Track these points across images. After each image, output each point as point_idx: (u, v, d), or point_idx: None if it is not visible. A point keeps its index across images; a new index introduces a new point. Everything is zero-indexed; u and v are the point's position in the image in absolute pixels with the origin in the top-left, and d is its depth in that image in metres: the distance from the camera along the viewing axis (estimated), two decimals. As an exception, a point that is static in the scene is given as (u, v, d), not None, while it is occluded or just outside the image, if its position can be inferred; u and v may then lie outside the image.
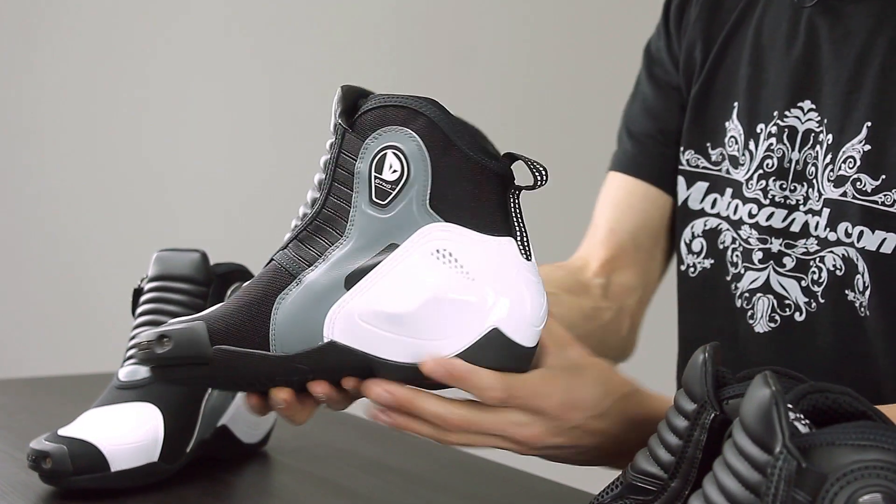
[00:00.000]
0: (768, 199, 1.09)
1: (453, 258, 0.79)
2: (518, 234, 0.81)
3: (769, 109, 1.10)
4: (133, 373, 1.04)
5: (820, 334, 1.05)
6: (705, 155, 1.15)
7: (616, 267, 1.22)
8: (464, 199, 0.80)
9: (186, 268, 1.09)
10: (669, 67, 1.21)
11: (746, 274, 1.10)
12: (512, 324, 0.80)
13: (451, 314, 0.79)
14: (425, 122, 0.80)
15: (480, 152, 0.80)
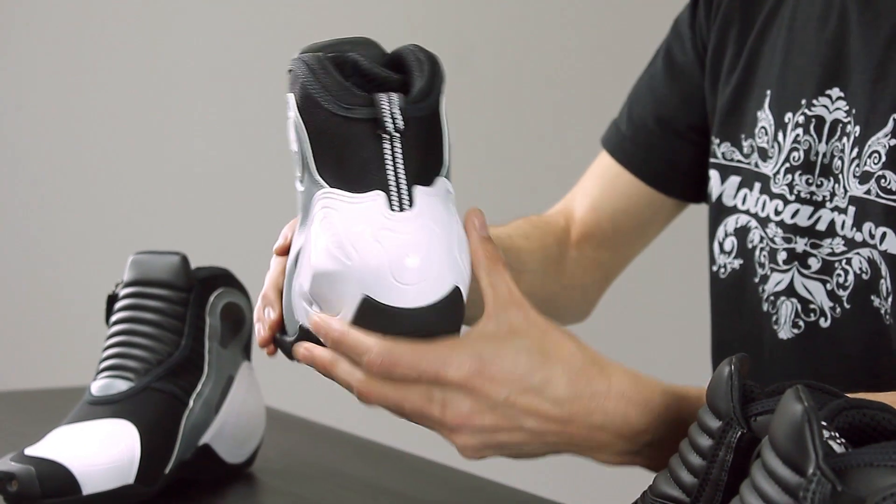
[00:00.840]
0: (794, 195, 1.08)
1: (330, 227, 0.80)
2: (393, 182, 0.80)
3: (797, 97, 1.09)
4: (107, 386, 1.04)
5: (846, 342, 1.04)
6: (739, 147, 1.14)
7: (590, 243, 1.25)
8: (338, 159, 0.80)
9: (165, 272, 1.09)
10: (688, 46, 1.21)
11: (772, 276, 1.10)
12: (377, 287, 0.79)
13: (331, 289, 0.81)
14: (298, 86, 0.81)
15: (344, 103, 0.79)
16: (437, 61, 0.82)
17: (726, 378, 0.75)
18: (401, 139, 0.79)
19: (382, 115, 0.79)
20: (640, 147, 1.23)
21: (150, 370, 1.05)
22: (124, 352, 1.06)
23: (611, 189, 1.24)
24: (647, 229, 1.26)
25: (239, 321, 1.13)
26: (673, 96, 1.22)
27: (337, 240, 0.80)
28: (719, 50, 1.18)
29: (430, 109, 0.81)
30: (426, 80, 0.81)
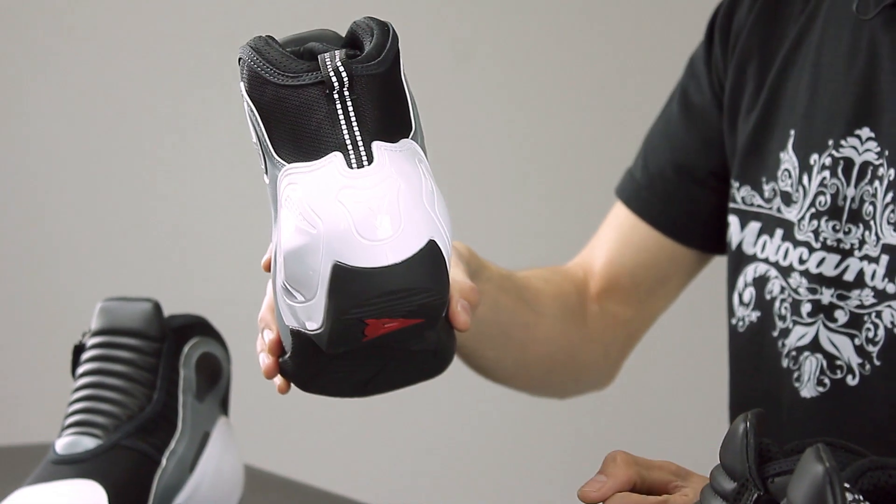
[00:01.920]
0: (820, 243, 1.08)
1: (294, 203, 0.81)
2: (348, 139, 0.81)
3: (824, 138, 1.10)
4: (73, 444, 1.04)
5: (875, 402, 1.04)
6: (760, 191, 1.15)
7: (610, 298, 1.26)
8: (292, 131, 0.81)
9: (136, 320, 1.09)
10: (705, 85, 1.21)
11: (794, 329, 1.09)
12: (346, 249, 0.80)
13: (302, 266, 0.81)
14: (246, 70, 0.83)
15: (290, 72, 0.81)
16: (388, 25, 0.84)
17: (741, 436, 0.75)
18: (351, 96, 0.81)
19: (327, 71, 0.80)
20: (658, 196, 1.24)
21: (119, 426, 1.05)
22: (92, 406, 1.06)
23: (628, 242, 1.25)
24: (669, 284, 1.26)
25: (215, 373, 1.13)
26: (691, 141, 1.22)
27: (301, 211, 0.81)
28: (737, 87, 1.18)
29: (383, 67, 0.82)
30: (376, 40, 0.83)
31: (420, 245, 0.81)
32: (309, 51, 0.84)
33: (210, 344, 1.12)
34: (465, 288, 0.96)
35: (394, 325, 0.84)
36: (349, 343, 0.85)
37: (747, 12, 1.18)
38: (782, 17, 1.16)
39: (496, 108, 2.46)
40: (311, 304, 0.83)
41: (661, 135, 1.24)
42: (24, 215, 2.40)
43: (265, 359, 0.93)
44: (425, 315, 0.84)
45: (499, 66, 2.47)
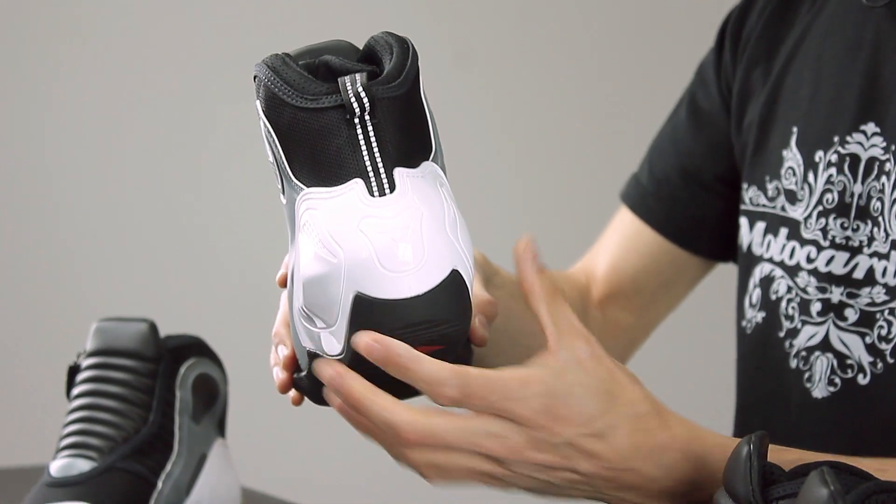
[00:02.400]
0: (828, 241, 1.08)
1: (313, 228, 0.80)
2: (370, 166, 0.80)
3: (829, 134, 1.09)
4: (68, 466, 1.03)
5: (887, 400, 1.04)
6: (764, 190, 1.14)
7: (612, 304, 1.25)
8: (312, 155, 0.81)
9: (131, 341, 1.09)
10: (713, 91, 1.21)
11: (804, 329, 1.09)
12: (368, 280, 0.79)
13: (323, 294, 0.80)
14: (262, 88, 0.82)
15: (308, 95, 0.80)
16: (408, 42, 0.83)
17: (744, 459, 0.75)
18: (372, 120, 0.80)
19: (348, 96, 0.79)
20: (663, 202, 1.23)
21: (114, 448, 1.05)
22: (87, 428, 1.05)
23: (632, 247, 1.25)
24: (672, 290, 1.26)
25: (212, 394, 1.12)
26: (698, 146, 1.22)
27: (321, 239, 0.80)
28: (745, 90, 1.18)
29: (404, 89, 0.81)
30: (396, 60, 0.82)
31: (443, 275, 0.81)
32: (325, 64, 0.83)
33: (207, 365, 1.12)
34: (483, 302, 0.95)
35: None
36: (369, 369, 0.84)
37: (758, 17, 1.19)
38: (790, 20, 1.17)
39: (496, 111, 2.46)
40: (332, 331, 0.82)
41: (668, 140, 1.24)
42: (20, 235, 2.40)
43: (279, 373, 0.92)
44: (447, 343, 0.84)
45: (499, 70, 2.47)
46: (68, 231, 2.41)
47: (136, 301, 2.33)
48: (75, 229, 2.41)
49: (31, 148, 2.39)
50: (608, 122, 2.43)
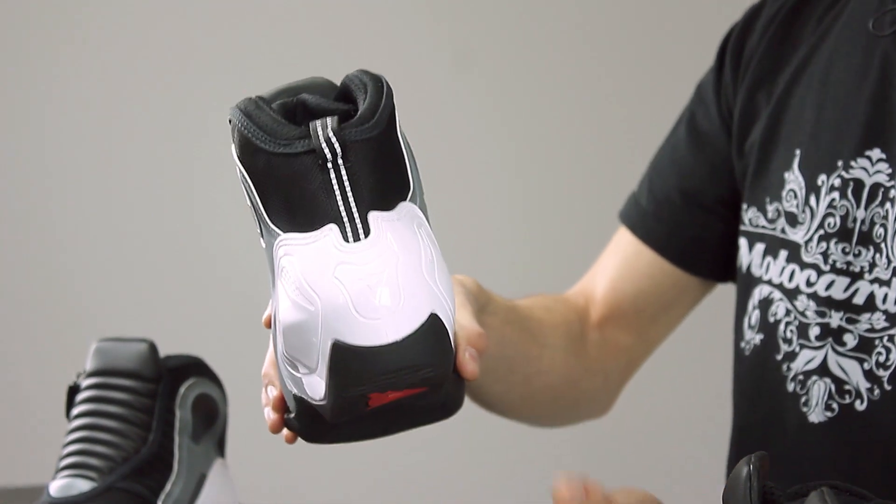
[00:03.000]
0: (829, 265, 1.08)
1: (289, 275, 0.80)
2: (344, 212, 0.79)
3: (832, 158, 1.09)
4: (67, 487, 1.03)
5: (884, 427, 1.04)
6: (763, 211, 1.14)
7: (612, 325, 1.25)
8: (287, 200, 0.80)
9: (131, 361, 1.09)
10: (713, 111, 1.21)
11: (802, 353, 1.09)
12: (345, 328, 0.79)
13: (301, 341, 0.80)
14: (237, 134, 0.81)
15: (281, 139, 0.79)
16: (382, 80, 0.82)
17: (744, 479, 0.75)
18: (345, 164, 0.79)
19: (319, 141, 0.78)
20: (664, 223, 1.23)
21: (114, 468, 1.05)
22: (86, 448, 1.05)
23: (631, 268, 1.25)
24: (672, 311, 1.26)
25: (212, 414, 1.12)
26: (699, 167, 1.22)
27: (298, 286, 0.79)
28: (747, 111, 1.18)
29: (377, 130, 0.80)
30: (369, 100, 0.81)
31: (421, 320, 0.80)
32: (301, 103, 0.82)
33: (206, 385, 1.12)
34: (473, 334, 0.94)
35: (398, 395, 0.83)
36: (353, 413, 0.83)
37: (760, 37, 1.18)
38: (794, 40, 1.16)
39: (496, 112, 2.45)
40: (313, 378, 0.82)
41: (669, 160, 1.24)
42: (20, 254, 2.40)
43: (270, 414, 0.92)
44: (429, 385, 0.83)
45: (499, 71, 2.47)
46: (68, 250, 2.41)
47: (135, 321, 2.33)
48: (75, 248, 2.41)
49: (31, 164, 2.40)
50: (609, 123, 2.42)
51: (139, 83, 2.40)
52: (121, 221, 2.42)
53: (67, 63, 2.38)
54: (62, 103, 2.38)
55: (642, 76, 2.43)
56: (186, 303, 2.43)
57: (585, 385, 1.25)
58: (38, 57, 2.38)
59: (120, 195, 2.42)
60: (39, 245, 2.40)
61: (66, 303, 2.41)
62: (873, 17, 1.09)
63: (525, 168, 2.47)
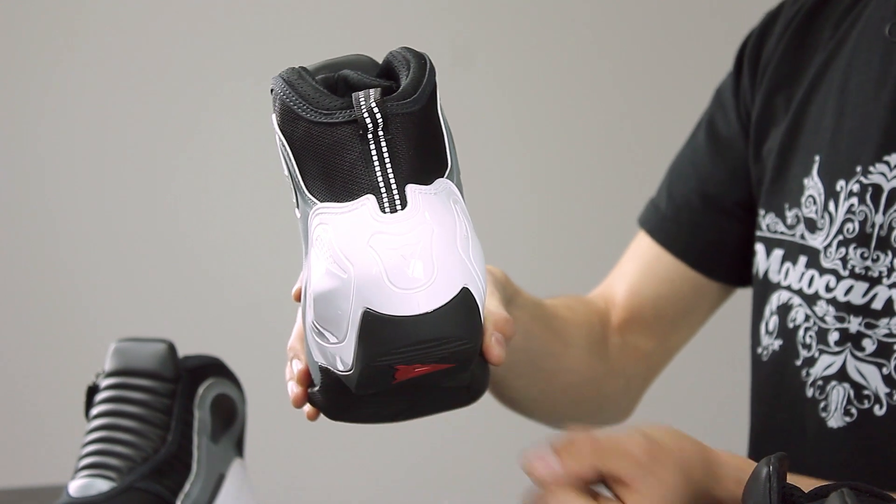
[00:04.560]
0: (847, 271, 1.08)
1: (324, 244, 0.80)
2: (382, 183, 0.80)
3: (851, 164, 1.09)
4: (86, 487, 1.03)
5: None
6: (782, 217, 1.15)
7: (632, 330, 1.25)
8: (325, 169, 0.80)
9: (150, 361, 1.09)
10: (732, 116, 1.22)
11: (821, 358, 1.09)
12: (377, 296, 0.79)
13: (332, 309, 0.80)
14: (278, 102, 0.82)
15: (323, 109, 0.80)
16: (426, 58, 0.83)
17: (764, 480, 0.74)
18: (386, 136, 0.79)
19: (361, 111, 0.79)
20: (683, 227, 1.23)
21: (133, 468, 1.05)
22: (105, 448, 1.06)
23: (651, 273, 1.25)
24: (692, 316, 1.26)
25: (230, 414, 1.12)
26: (718, 171, 1.22)
27: (332, 254, 0.80)
28: (765, 116, 1.18)
29: (419, 105, 0.80)
30: (412, 75, 0.81)
31: (453, 293, 0.80)
32: (343, 79, 0.83)
33: (225, 385, 1.12)
34: (500, 320, 0.94)
35: (425, 369, 0.83)
36: (379, 386, 0.84)
37: (777, 42, 1.19)
38: (811, 45, 1.17)
39: (496, 113, 2.45)
40: (341, 347, 0.82)
41: (688, 165, 1.24)
42: (38, 256, 2.41)
43: (294, 387, 0.92)
44: (457, 361, 0.83)
45: (499, 71, 2.47)
46: (88, 251, 2.41)
47: (154, 321, 2.33)
48: (95, 249, 2.41)
49: (48, 165, 2.40)
50: (612, 122, 2.42)
51: (155, 83, 2.41)
52: (141, 222, 2.43)
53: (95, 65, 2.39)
54: (76, 104, 2.39)
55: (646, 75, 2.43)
56: (205, 303, 2.44)
57: (607, 387, 1.24)
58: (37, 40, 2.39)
59: (140, 197, 2.43)
60: (59, 246, 2.41)
61: (86, 303, 2.41)
62: (890, 24, 1.09)
63: (525, 168, 2.47)
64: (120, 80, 2.40)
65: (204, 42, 2.42)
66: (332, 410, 0.91)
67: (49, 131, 2.39)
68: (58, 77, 2.38)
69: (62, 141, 2.40)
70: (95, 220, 2.41)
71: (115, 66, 2.40)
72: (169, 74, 2.41)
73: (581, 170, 2.47)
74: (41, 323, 2.42)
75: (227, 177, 2.45)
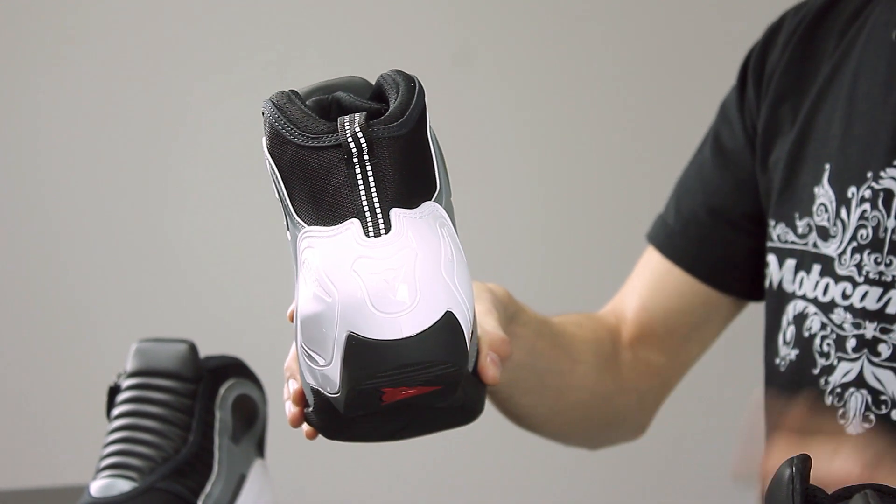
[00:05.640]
0: (863, 277, 1.08)
1: (310, 268, 0.81)
2: (367, 207, 0.80)
3: (862, 170, 1.10)
4: (108, 487, 1.04)
5: None
6: (793, 227, 1.15)
7: (643, 345, 1.25)
8: (312, 193, 0.81)
9: (171, 361, 1.09)
10: (738, 129, 1.22)
11: (839, 365, 1.09)
12: (360, 320, 0.79)
13: (318, 332, 0.81)
14: (267, 126, 0.82)
15: (310, 133, 0.80)
16: (415, 81, 0.83)
17: (787, 482, 0.74)
18: (371, 161, 0.80)
19: (345, 136, 0.79)
20: (692, 241, 1.23)
21: (154, 469, 1.05)
22: (127, 448, 1.06)
23: (661, 288, 1.25)
24: (703, 331, 1.26)
25: (252, 415, 1.13)
26: (725, 184, 1.22)
27: (317, 278, 0.80)
28: (771, 127, 1.18)
29: (406, 128, 0.81)
30: (400, 99, 0.82)
31: (437, 317, 0.80)
32: (336, 101, 0.83)
33: (246, 385, 1.12)
34: (496, 340, 0.94)
35: (412, 392, 0.84)
36: (367, 408, 0.84)
37: (780, 53, 1.19)
38: (816, 56, 1.17)
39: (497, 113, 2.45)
40: (328, 370, 0.82)
41: (695, 179, 1.25)
42: (59, 256, 2.41)
43: (291, 407, 0.94)
44: (443, 384, 0.84)
45: (499, 71, 2.46)
46: (109, 251, 2.42)
47: (175, 322, 2.34)
48: (116, 249, 2.42)
49: (69, 168, 2.41)
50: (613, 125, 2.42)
51: (169, 87, 2.41)
52: (162, 222, 2.43)
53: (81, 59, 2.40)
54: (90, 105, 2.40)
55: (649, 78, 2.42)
56: (226, 303, 2.44)
57: (618, 403, 1.24)
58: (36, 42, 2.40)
59: (162, 197, 2.43)
60: (80, 246, 2.41)
61: (107, 304, 2.42)
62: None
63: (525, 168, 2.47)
64: (133, 84, 2.41)
65: (210, 43, 2.43)
66: (327, 430, 0.92)
67: (69, 132, 2.40)
68: (70, 80, 2.39)
69: (83, 141, 2.41)
70: (119, 221, 2.41)
71: (129, 72, 2.40)
72: (181, 77, 2.42)
73: (587, 178, 2.47)
74: (64, 324, 2.43)
75: (252, 176, 2.45)
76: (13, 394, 2.44)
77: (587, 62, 2.47)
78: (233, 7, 2.44)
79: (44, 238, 2.41)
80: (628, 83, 2.44)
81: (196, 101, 2.43)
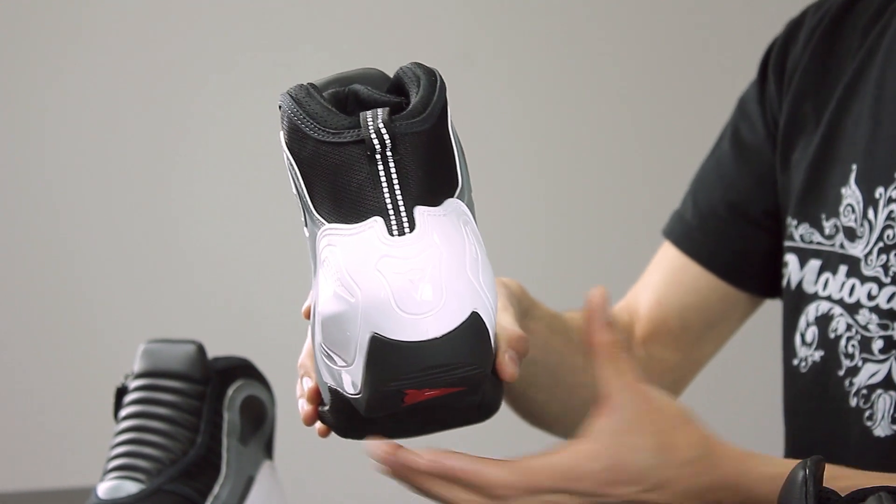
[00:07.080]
0: (889, 277, 1.08)
1: (332, 266, 0.79)
2: (390, 205, 0.78)
3: (889, 171, 1.09)
4: (115, 489, 1.04)
5: None
6: (819, 227, 1.14)
7: (657, 342, 1.24)
8: (333, 190, 0.79)
9: (179, 362, 1.09)
10: (758, 124, 1.21)
11: (865, 367, 1.09)
12: (385, 321, 0.78)
13: (340, 333, 0.80)
14: (286, 121, 0.81)
15: (330, 128, 0.79)
16: (436, 74, 0.82)
17: (800, 484, 0.74)
18: (394, 157, 0.78)
19: (368, 132, 0.78)
20: (710, 236, 1.23)
21: (162, 470, 1.05)
22: (134, 450, 1.06)
23: (677, 283, 1.24)
24: (719, 328, 1.25)
25: (260, 416, 1.12)
26: (744, 180, 1.22)
27: (339, 277, 0.79)
28: (793, 123, 1.18)
29: (428, 124, 0.79)
30: (422, 93, 0.80)
31: (462, 318, 0.79)
32: (354, 94, 0.82)
33: (254, 387, 1.12)
34: (514, 337, 0.94)
35: (435, 393, 0.83)
36: (388, 409, 0.83)
37: (802, 48, 1.19)
38: (840, 53, 1.17)
39: (497, 113, 2.44)
40: (350, 370, 0.81)
41: (713, 174, 1.24)
42: (66, 256, 2.41)
43: (304, 405, 0.93)
44: (467, 385, 0.83)
45: (502, 71, 2.46)
46: (116, 253, 2.42)
47: (183, 322, 2.34)
48: (124, 250, 2.42)
49: (75, 167, 2.41)
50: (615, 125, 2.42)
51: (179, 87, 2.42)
52: (170, 223, 2.43)
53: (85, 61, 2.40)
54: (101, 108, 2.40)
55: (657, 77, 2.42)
56: (234, 304, 2.44)
57: None
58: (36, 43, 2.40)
59: (170, 198, 2.43)
60: (88, 247, 2.41)
61: (114, 305, 2.42)
62: None
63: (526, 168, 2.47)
64: (142, 85, 2.41)
65: (218, 41, 2.43)
66: (342, 430, 0.91)
67: (76, 132, 2.40)
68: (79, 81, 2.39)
69: (90, 142, 2.41)
70: (126, 222, 2.42)
71: (138, 73, 2.40)
72: (189, 77, 2.42)
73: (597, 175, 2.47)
74: (71, 324, 2.43)
75: (260, 176, 2.45)
76: (21, 395, 2.44)
77: (595, 60, 2.46)
78: (239, 6, 2.44)
79: (51, 239, 2.41)
80: (636, 82, 2.44)
81: (204, 100, 2.43)
